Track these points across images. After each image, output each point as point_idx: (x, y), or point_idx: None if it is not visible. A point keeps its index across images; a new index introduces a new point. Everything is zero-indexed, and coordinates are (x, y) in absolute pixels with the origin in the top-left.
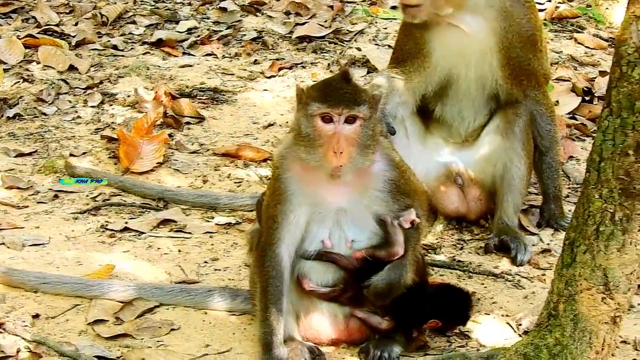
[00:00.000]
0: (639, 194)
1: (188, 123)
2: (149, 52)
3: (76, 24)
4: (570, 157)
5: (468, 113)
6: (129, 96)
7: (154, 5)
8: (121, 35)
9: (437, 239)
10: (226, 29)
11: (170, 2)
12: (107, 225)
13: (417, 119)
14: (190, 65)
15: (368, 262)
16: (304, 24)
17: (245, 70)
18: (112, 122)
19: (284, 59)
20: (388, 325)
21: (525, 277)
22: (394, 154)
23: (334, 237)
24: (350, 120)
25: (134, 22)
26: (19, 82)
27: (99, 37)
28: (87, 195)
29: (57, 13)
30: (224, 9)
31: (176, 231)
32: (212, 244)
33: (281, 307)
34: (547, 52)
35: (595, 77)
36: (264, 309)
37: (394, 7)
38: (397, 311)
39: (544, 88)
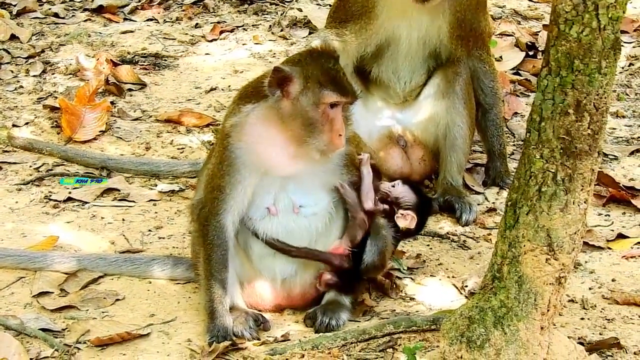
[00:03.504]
0: (580, 153)
1: (130, 90)
2: (90, 19)
3: None
4: (515, 114)
5: (404, 73)
6: (70, 64)
7: None
8: (62, 2)
9: None
10: None
11: None
12: (50, 195)
13: (357, 80)
14: (132, 31)
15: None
16: None
17: (186, 34)
18: (55, 91)
19: (225, 22)
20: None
21: (471, 237)
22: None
23: (279, 204)
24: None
25: None
26: None
27: (40, 5)
28: (31, 166)
29: None
30: None
31: (119, 200)
32: (156, 212)
33: (226, 275)
34: (488, 10)
35: (539, 31)
36: (208, 278)
37: None
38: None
39: (487, 46)
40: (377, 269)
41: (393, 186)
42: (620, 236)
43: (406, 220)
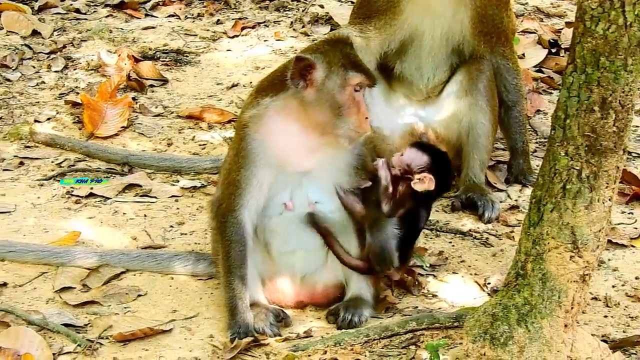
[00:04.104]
0: (605, 150)
1: (152, 86)
2: (111, 15)
3: None
4: (538, 111)
5: (427, 69)
6: (92, 60)
7: None
8: None
9: None
10: None
11: None
12: (72, 191)
13: (380, 77)
14: (153, 27)
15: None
16: None
17: (208, 30)
18: (76, 87)
19: (246, 18)
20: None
21: (494, 235)
22: None
23: (295, 199)
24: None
25: None
26: None
27: (62, 0)
28: (53, 162)
29: None
30: None
31: (141, 196)
32: (178, 208)
33: (245, 271)
34: (512, 7)
35: (561, 29)
36: (227, 275)
37: None
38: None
39: (510, 43)
40: (384, 263)
41: (401, 155)
42: None
43: (424, 183)
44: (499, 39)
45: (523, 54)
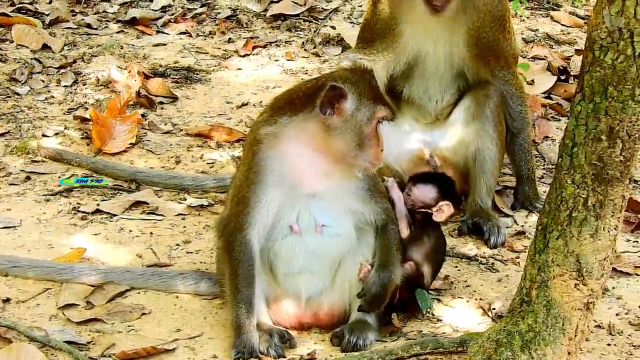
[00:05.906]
0: (611, 179)
1: (161, 103)
2: (122, 31)
3: (50, 2)
4: (546, 137)
5: (434, 92)
6: (102, 76)
7: None
8: (95, 13)
9: None
10: (200, 7)
11: None
12: (78, 207)
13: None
14: (164, 44)
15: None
16: (278, 1)
17: (219, 49)
18: (85, 102)
19: (258, 37)
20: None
21: (499, 260)
22: None
23: (302, 222)
24: None
25: (108, 0)
26: None
27: (73, 15)
28: (59, 177)
29: None
30: None
31: (148, 213)
32: (184, 227)
33: (252, 291)
34: (514, 32)
35: (571, 56)
36: (235, 294)
37: None
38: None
39: (513, 69)
40: (375, 299)
41: (409, 194)
42: None
43: (443, 212)
44: (497, 62)
45: (532, 80)
